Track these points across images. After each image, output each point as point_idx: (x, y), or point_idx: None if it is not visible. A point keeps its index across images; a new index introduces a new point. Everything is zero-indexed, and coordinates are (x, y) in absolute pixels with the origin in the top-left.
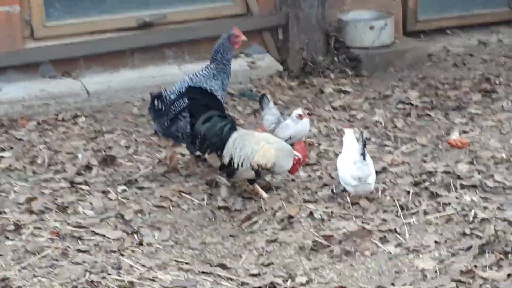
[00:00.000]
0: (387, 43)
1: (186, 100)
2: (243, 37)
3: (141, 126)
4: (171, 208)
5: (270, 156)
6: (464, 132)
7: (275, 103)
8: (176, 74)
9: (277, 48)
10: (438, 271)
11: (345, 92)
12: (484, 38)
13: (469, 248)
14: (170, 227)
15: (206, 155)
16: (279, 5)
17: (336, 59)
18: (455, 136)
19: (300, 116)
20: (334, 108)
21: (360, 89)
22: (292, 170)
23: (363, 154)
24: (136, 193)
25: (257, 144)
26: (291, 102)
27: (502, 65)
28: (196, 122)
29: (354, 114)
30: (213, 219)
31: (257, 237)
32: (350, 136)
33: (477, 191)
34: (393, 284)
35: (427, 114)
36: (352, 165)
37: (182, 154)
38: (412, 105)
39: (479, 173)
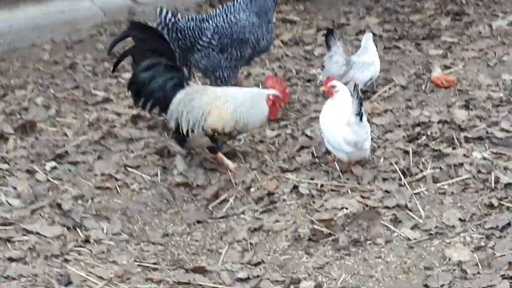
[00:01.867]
0: None
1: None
2: None
3: (58, 76)
4: (118, 189)
5: (227, 117)
6: (446, 67)
7: None
8: (88, 7)
9: None
10: (479, 263)
11: (291, 21)
12: None
13: (505, 227)
14: (121, 214)
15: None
16: None
17: None
18: (437, 73)
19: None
20: (284, 43)
21: (308, 17)
22: (272, 113)
23: (360, 114)
24: (69, 170)
25: (209, 104)
26: None
27: None
28: (136, 69)
29: (309, 49)
30: (172, 199)
31: (234, 223)
32: (341, 91)
33: (487, 145)
34: (426, 286)
35: (395, 46)
36: (346, 128)
37: (117, 114)
38: (375, 35)
39: (480, 120)
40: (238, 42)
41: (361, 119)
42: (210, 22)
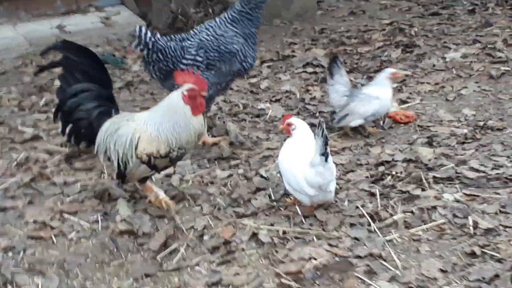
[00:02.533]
0: None
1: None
2: None
3: None
4: (53, 238)
5: (156, 139)
6: (402, 101)
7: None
8: (10, 37)
9: (135, 1)
10: None
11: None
12: None
13: (493, 279)
14: (57, 268)
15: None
16: None
17: (210, 10)
18: (394, 108)
19: (394, 76)
20: None
21: None
22: (195, 109)
23: (325, 154)
24: None
25: (137, 130)
26: None
27: (408, 10)
28: (62, 93)
29: (255, 82)
30: (115, 250)
31: (188, 277)
32: (300, 128)
33: (458, 186)
34: None
35: None
36: (309, 168)
37: (49, 153)
38: (324, 67)
39: (447, 159)
40: (225, 55)
41: (326, 160)
42: (192, 39)
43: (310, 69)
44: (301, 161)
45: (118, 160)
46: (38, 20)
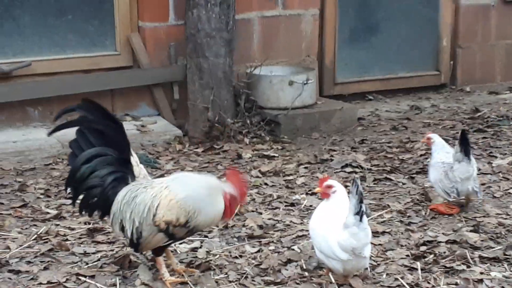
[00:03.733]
0: (310, 103)
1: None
2: None
3: (4, 197)
4: None
5: (178, 205)
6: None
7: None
8: (43, 139)
9: (172, 111)
10: None
11: (270, 157)
12: (415, 103)
13: None
14: None
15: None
16: (175, 56)
17: (248, 121)
18: (438, 201)
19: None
20: (263, 174)
21: (287, 154)
22: (226, 213)
23: (360, 213)
24: (9, 278)
25: (156, 196)
26: (203, 169)
27: (452, 128)
28: (74, 157)
29: (290, 179)
30: None
31: None
32: (340, 191)
33: (506, 266)
34: None
35: (387, 178)
36: (342, 231)
37: (71, 228)
38: (363, 168)
39: (495, 243)
40: None
41: (361, 219)
42: None
43: (349, 169)
44: (333, 224)
45: (132, 229)
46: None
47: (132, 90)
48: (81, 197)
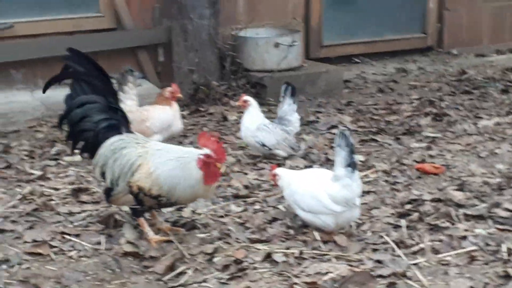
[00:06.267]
0: (295, 65)
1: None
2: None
3: None
4: (52, 255)
5: (152, 177)
6: (431, 157)
7: None
8: (26, 102)
9: (157, 73)
10: None
11: None
12: (401, 66)
13: None
14: (54, 283)
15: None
16: (159, 18)
17: (234, 84)
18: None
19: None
20: None
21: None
22: (208, 178)
23: (351, 165)
24: None
25: (141, 157)
26: (189, 131)
27: (438, 90)
28: (69, 100)
29: None
30: (118, 270)
31: None
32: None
33: (490, 223)
34: None
35: (373, 139)
36: (333, 183)
37: (55, 189)
38: (349, 129)
39: (480, 201)
40: None
41: (353, 170)
42: None
43: (335, 131)
44: (318, 181)
45: (111, 179)
46: (56, 87)
47: (116, 53)
48: (74, 139)
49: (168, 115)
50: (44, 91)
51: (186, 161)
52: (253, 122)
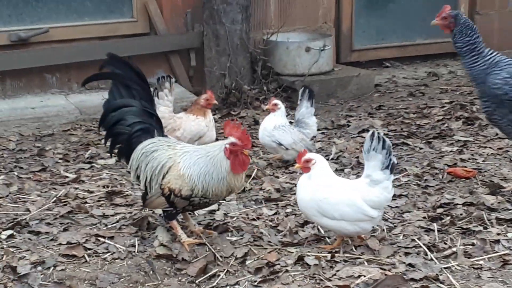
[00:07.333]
0: (326, 70)
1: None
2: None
3: (24, 161)
4: (86, 257)
5: (182, 178)
6: (463, 160)
7: None
8: (61, 105)
9: (189, 77)
10: None
11: None
12: (432, 70)
13: None
14: (88, 285)
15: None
16: (191, 23)
17: (265, 88)
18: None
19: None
20: None
21: None
22: (235, 166)
23: (389, 166)
24: (29, 239)
25: (171, 159)
26: (220, 135)
27: (469, 94)
28: (108, 104)
29: None
30: (151, 272)
31: None
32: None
33: None
34: None
35: (404, 143)
36: (371, 189)
37: (89, 191)
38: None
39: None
40: None
41: (391, 172)
42: None
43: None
44: (351, 188)
45: (145, 182)
46: (90, 92)
47: (149, 57)
48: (110, 141)
49: (201, 126)
50: (83, 85)
51: (214, 154)
52: (271, 123)
